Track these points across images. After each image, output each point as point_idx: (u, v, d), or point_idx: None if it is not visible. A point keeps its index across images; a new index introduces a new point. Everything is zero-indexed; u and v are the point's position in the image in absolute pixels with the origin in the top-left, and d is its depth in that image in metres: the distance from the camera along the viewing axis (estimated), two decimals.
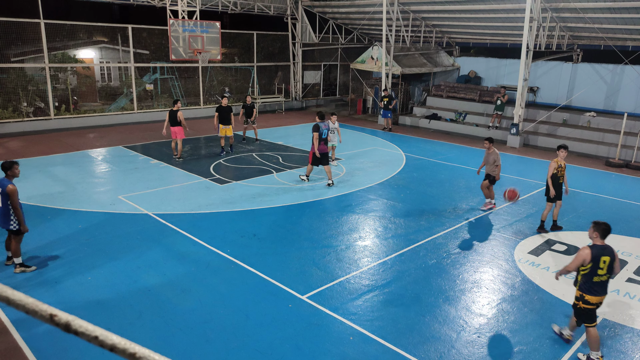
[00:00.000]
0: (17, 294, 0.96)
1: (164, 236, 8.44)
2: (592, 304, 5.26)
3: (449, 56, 23.49)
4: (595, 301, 5.25)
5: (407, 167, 13.76)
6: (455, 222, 9.57)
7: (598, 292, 5.22)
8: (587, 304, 5.26)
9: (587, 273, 5.19)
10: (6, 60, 17.33)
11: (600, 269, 5.14)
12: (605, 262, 5.14)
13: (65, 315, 0.94)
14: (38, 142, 15.44)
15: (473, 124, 19.75)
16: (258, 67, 24.10)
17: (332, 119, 13.13)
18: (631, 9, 14.88)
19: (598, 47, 18.86)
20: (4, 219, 6.77)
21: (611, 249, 5.23)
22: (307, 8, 23.93)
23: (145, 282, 6.82)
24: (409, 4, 20.06)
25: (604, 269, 5.14)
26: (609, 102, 18.47)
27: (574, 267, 5.26)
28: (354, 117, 23.02)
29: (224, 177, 12.11)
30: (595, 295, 5.22)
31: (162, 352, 5.06)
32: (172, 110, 13.31)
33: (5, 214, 6.75)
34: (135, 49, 20.14)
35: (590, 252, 5.13)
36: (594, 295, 5.22)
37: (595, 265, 5.13)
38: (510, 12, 17.62)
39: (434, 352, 5.46)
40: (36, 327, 5.63)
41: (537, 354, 5.51)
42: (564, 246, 8.58)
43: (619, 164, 14.86)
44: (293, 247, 8.19)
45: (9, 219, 6.77)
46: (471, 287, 7.02)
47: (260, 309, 6.21)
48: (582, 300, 5.28)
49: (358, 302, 6.49)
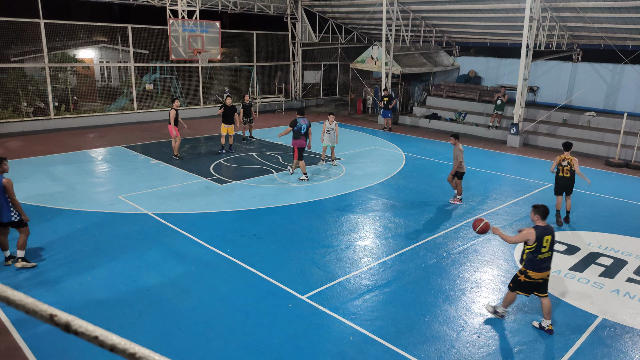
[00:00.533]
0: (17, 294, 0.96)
1: (163, 236, 8.44)
2: (533, 279, 5.74)
3: (448, 56, 23.49)
4: (537, 277, 5.72)
5: (407, 167, 13.76)
6: (455, 222, 9.57)
7: (542, 268, 5.70)
8: (528, 278, 5.77)
9: (532, 251, 5.66)
10: (6, 60, 17.33)
11: (543, 247, 5.64)
12: (547, 241, 5.66)
13: (65, 315, 0.94)
14: (38, 142, 15.43)
15: (473, 124, 19.76)
16: (258, 67, 24.10)
17: (330, 119, 13.17)
18: (631, 9, 14.87)
19: (598, 47, 18.86)
20: (3, 212, 6.91)
21: (552, 229, 5.76)
22: (306, 8, 23.93)
23: (145, 282, 6.82)
24: (409, 4, 20.06)
25: (546, 247, 5.65)
26: (609, 101, 18.47)
27: (513, 241, 5.80)
28: (354, 117, 23.02)
29: (224, 177, 12.11)
30: (538, 272, 5.70)
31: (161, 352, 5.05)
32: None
33: (3, 207, 6.90)
34: (135, 49, 20.13)
35: (535, 232, 5.61)
36: (537, 271, 5.71)
37: (539, 244, 5.62)
38: (510, 12, 17.62)
39: (434, 352, 5.46)
40: (36, 327, 5.63)
41: (536, 353, 5.51)
42: (564, 246, 8.58)
43: (619, 163, 14.86)
44: (293, 246, 8.19)
45: (9, 211, 6.93)
46: (471, 287, 7.02)
47: (260, 309, 6.21)
48: (525, 274, 5.79)
49: (358, 302, 6.49)
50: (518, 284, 5.91)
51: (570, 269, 7.71)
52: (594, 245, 8.68)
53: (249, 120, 16.20)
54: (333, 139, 13.31)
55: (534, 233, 5.61)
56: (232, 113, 14.44)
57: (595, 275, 7.53)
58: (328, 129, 13.26)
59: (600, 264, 7.91)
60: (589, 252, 8.35)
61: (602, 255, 8.27)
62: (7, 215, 6.93)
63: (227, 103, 14.44)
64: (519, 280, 5.88)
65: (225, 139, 14.68)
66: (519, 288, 5.92)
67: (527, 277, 5.78)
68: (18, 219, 7.05)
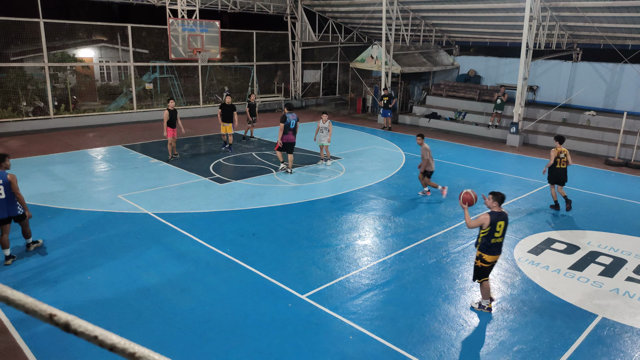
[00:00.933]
0: (17, 294, 0.96)
1: (163, 235, 8.44)
2: (488, 263, 6.20)
3: (448, 55, 23.48)
4: (491, 260, 6.20)
5: (407, 166, 13.76)
6: (454, 221, 9.57)
7: (494, 252, 6.15)
8: (484, 262, 6.20)
9: (486, 235, 6.05)
10: (5, 60, 17.32)
11: (497, 232, 6.03)
12: (500, 226, 6.03)
13: (65, 315, 0.94)
14: (37, 142, 15.42)
15: (473, 123, 19.75)
16: (258, 66, 24.09)
17: (323, 118, 13.15)
18: (631, 8, 14.87)
19: (598, 46, 18.86)
20: (10, 206, 7.20)
21: (506, 215, 6.13)
22: (306, 7, 23.92)
23: (144, 282, 6.82)
24: (409, 3, 20.05)
25: (499, 232, 6.04)
26: (609, 100, 18.47)
27: (472, 225, 6.11)
28: (354, 116, 23.01)
29: (223, 176, 12.11)
30: (492, 255, 6.16)
31: (161, 351, 5.06)
32: (174, 110, 13.31)
33: (10, 202, 7.19)
34: (135, 48, 20.12)
35: (490, 217, 5.98)
36: (491, 254, 6.15)
37: (492, 229, 5.99)
38: (510, 11, 17.61)
39: (434, 351, 5.46)
40: (36, 326, 5.63)
41: (536, 353, 5.51)
42: (564, 245, 8.58)
43: (619, 162, 14.87)
44: (292, 246, 8.20)
45: (14, 205, 7.26)
46: (471, 286, 7.02)
47: (260, 309, 6.22)
48: (481, 259, 6.20)
49: (358, 302, 6.49)
50: (479, 271, 6.30)
51: (569, 268, 7.71)
52: (593, 244, 8.69)
53: (253, 120, 16.19)
54: (325, 138, 13.28)
55: (488, 218, 5.97)
56: (231, 112, 14.45)
57: (594, 274, 7.53)
58: (321, 127, 13.25)
59: (599, 263, 7.91)
60: (589, 251, 8.36)
61: (602, 254, 8.28)
62: (13, 209, 7.24)
63: (227, 102, 14.47)
64: (478, 267, 6.28)
65: (226, 137, 14.74)
66: (482, 275, 6.29)
67: (482, 262, 6.20)
68: (22, 213, 7.40)
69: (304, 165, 13.37)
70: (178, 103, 21.78)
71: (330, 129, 13.28)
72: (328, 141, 13.37)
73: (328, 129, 13.22)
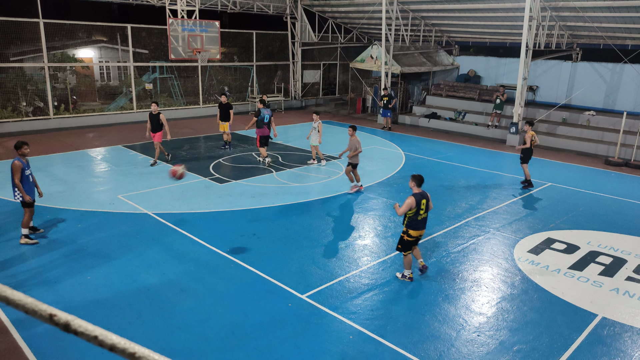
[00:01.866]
0: (17, 294, 0.96)
1: (163, 235, 8.44)
2: (413, 237, 6.94)
3: (448, 55, 23.48)
4: (416, 234, 6.94)
5: (407, 166, 13.76)
6: (454, 221, 9.58)
7: (420, 227, 6.92)
8: (409, 237, 6.93)
9: (412, 215, 6.80)
10: (5, 60, 17.31)
11: (421, 210, 6.83)
12: (424, 204, 6.84)
13: (65, 315, 0.94)
14: (37, 142, 15.41)
15: (472, 123, 19.75)
16: (257, 67, 24.08)
17: (314, 118, 13.11)
18: (630, 8, 14.87)
19: (597, 46, 18.86)
20: (13, 190, 7.80)
21: (426, 194, 6.94)
22: (306, 7, 23.91)
23: (144, 282, 6.82)
24: (409, 3, 20.05)
25: (423, 209, 6.86)
26: (609, 100, 18.47)
27: (403, 211, 6.75)
28: (354, 117, 23.01)
29: (223, 177, 12.11)
30: (417, 230, 6.90)
31: (161, 351, 5.06)
32: (152, 114, 12.55)
33: (12, 187, 7.79)
34: (135, 49, 20.11)
35: (414, 198, 6.72)
36: (416, 230, 6.90)
37: (418, 208, 6.76)
38: (510, 11, 17.62)
39: (434, 351, 5.46)
40: (36, 327, 5.63)
41: (536, 352, 5.51)
42: (564, 245, 8.58)
43: (619, 162, 14.87)
44: (292, 246, 8.20)
45: (13, 191, 7.80)
46: (471, 286, 7.02)
47: (260, 308, 6.22)
48: (407, 234, 6.93)
49: (357, 301, 6.49)
50: (404, 244, 7.01)
51: (569, 267, 7.71)
52: (593, 244, 8.69)
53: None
54: (316, 138, 13.24)
55: (414, 199, 6.72)
56: (228, 110, 14.49)
57: (594, 274, 7.53)
58: (312, 127, 13.26)
59: (599, 263, 7.91)
60: (589, 251, 8.36)
61: (602, 254, 8.28)
62: (13, 194, 7.77)
63: (223, 101, 14.51)
64: (404, 240, 7.00)
65: (226, 136, 14.79)
66: (406, 248, 7.01)
67: (408, 236, 6.94)
68: (21, 200, 7.81)
69: (304, 166, 13.37)
70: (178, 103, 21.78)
71: (320, 129, 13.16)
72: (318, 142, 13.29)
73: (318, 129, 13.14)
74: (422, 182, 6.85)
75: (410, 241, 6.97)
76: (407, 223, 6.87)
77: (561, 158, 15.60)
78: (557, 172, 13.73)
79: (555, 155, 15.94)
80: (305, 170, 12.95)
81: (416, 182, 6.85)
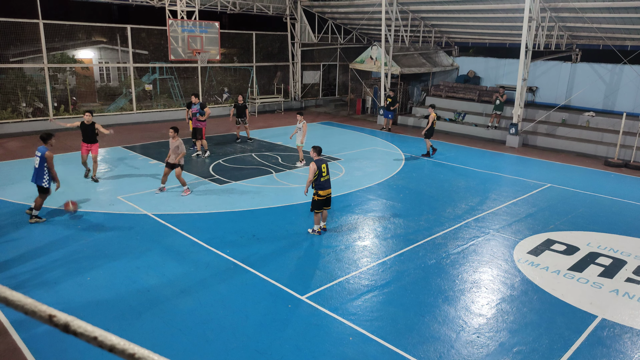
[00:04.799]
0: (16, 295, 0.96)
1: (163, 236, 8.43)
2: (322, 196, 8.35)
3: (448, 56, 23.50)
4: (324, 194, 8.37)
5: (406, 167, 13.76)
6: (454, 222, 9.58)
7: (325, 187, 8.35)
8: (319, 197, 8.34)
9: (317, 178, 8.24)
10: (5, 61, 17.31)
11: (323, 172, 8.27)
12: (324, 167, 8.30)
13: (64, 316, 0.94)
14: (37, 143, 15.38)
15: (472, 124, 19.76)
16: (257, 67, 24.09)
17: (298, 118, 13.01)
18: (630, 9, 14.89)
19: (597, 47, 18.88)
20: (38, 177, 8.58)
21: (325, 160, 8.47)
22: (306, 8, 23.93)
23: (144, 283, 6.81)
24: (408, 4, 20.06)
25: (325, 172, 8.31)
26: (608, 101, 18.48)
27: (311, 178, 8.20)
28: (353, 117, 23.02)
29: (223, 178, 12.11)
30: (324, 190, 8.35)
31: (161, 352, 5.06)
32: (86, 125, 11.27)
33: (39, 173, 8.57)
34: (134, 49, 20.12)
35: (315, 164, 8.18)
36: (324, 189, 8.34)
37: (320, 171, 8.21)
38: (509, 12, 17.63)
39: (434, 352, 5.46)
40: (35, 327, 5.62)
41: (536, 354, 5.51)
42: (564, 246, 8.58)
43: (618, 163, 14.88)
44: (292, 247, 8.19)
45: (42, 177, 8.58)
46: (470, 287, 7.02)
47: (260, 310, 6.21)
48: (317, 194, 8.33)
49: (357, 302, 6.49)
50: (315, 204, 8.40)
51: (569, 269, 7.71)
52: (593, 245, 8.69)
53: (243, 121, 16.04)
54: (299, 138, 13.17)
55: (314, 165, 8.17)
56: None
57: (594, 275, 7.53)
58: (297, 127, 13.22)
59: (599, 264, 7.91)
60: (588, 252, 8.36)
61: (601, 255, 8.28)
62: (40, 180, 8.57)
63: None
64: (315, 201, 8.38)
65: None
66: (317, 207, 8.42)
67: (319, 196, 8.33)
68: (47, 187, 8.61)
69: (304, 166, 13.36)
70: (177, 104, 21.78)
71: (304, 129, 13.07)
72: (301, 142, 13.21)
73: (302, 130, 13.06)
74: (321, 152, 8.47)
75: (321, 200, 8.38)
76: (315, 186, 8.30)
77: (561, 159, 15.61)
78: (557, 173, 13.73)
79: (555, 156, 15.95)
80: (305, 171, 12.94)
81: (317, 151, 8.43)
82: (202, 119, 14.12)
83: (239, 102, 15.87)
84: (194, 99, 14.36)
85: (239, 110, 15.88)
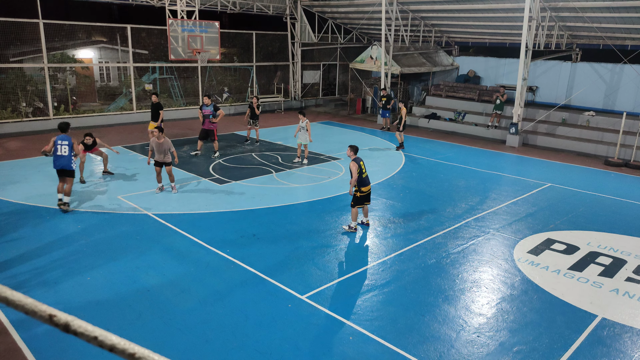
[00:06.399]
0: (16, 294, 0.96)
1: (163, 236, 8.43)
2: (364, 192, 8.68)
3: (448, 55, 23.49)
4: (366, 190, 8.69)
5: (406, 167, 13.76)
6: (454, 222, 9.58)
7: (367, 183, 8.70)
8: (361, 192, 8.65)
9: (359, 175, 8.50)
10: (5, 61, 17.31)
11: (363, 170, 8.63)
12: (363, 165, 8.67)
13: (65, 316, 0.94)
14: (37, 142, 15.40)
15: (472, 124, 19.76)
16: (257, 67, 24.09)
17: (301, 118, 13.38)
18: (630, 8, 14.88)
19: (597, 47, 18.88)
20: (67, 162, 9.30)
21: (360, 158, 8.69)
22: (306, 8, 23.92)
23: (144, 283, 6.81)
24: (408, 4, 20.06)
25: (364, 169, 8.65)
26: (608, 101, 18.48)
27: (355, 176, 8.45)
28: (353, 117, 23.02)
29: (223, 177, 12.11)
30: (366, 186, 8.68)
31: (161, 352, 5.06)
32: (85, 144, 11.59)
33: (69, 159, 9.32)
34: (134, 49, 20.11)
35: (355, 163, 8.48)
36: (365, 186, 8.65)
37: (361, 169, 8.54)
38: (509, 12, 17.63)
39: (434, 352, 5.46)
40: (36, 327, 5.63)
41: (536, 353, 5.51)
42: (564, 245, 8.58)
43: (618, 163, 14.87)
44: (292, 247, 8.19)
45: (71, 162, 9.35)
46: (470, 287, 7.02)
47: (260, 309, 6.21)
48: (360, 191, 8.63)
49: (357, 302, 6.49)
50: (356, 200, 8.67)
51: (569, 268, 7.71)
52: (593, 244, 8.69)
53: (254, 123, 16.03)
54: (304, 137, 13.43)
55: (356, 164, 8.46)
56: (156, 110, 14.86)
57: (594, 274, 7.53)
58: (300, 127, 13.41)
59: (599, 264, 7.91)
60: (588, 252, 8.36)
61: (602, 254, 8.28)
62: (70, 164, 9.34)
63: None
64: (357, 197, 8.65)
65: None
66: (358, 203, 8.69)
67: (361, 192, 8.63)
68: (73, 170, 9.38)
69: (304, 166, 13.37)
70: (178, 103, 21.78)
71: (309, 128, 13.43)
72: (309, 140, 13.55)
73: (306, 129, 13.38)
74: (357, 150, 8.77)
75: (363, 196, 8.67)
76: (357, 183, 8.54)
77: (561, 158, 15.61)
78: (557, 172, 13.73)
79: (555, 156, 15.94)
80: (306, 170, 12.95)
81: (354, 150, 8.69)
82: (215, 120, 14.03)
83: (254, 104, 15.90)
84: (207, 100, 14.15)
85: (253, 112, 15.90)
